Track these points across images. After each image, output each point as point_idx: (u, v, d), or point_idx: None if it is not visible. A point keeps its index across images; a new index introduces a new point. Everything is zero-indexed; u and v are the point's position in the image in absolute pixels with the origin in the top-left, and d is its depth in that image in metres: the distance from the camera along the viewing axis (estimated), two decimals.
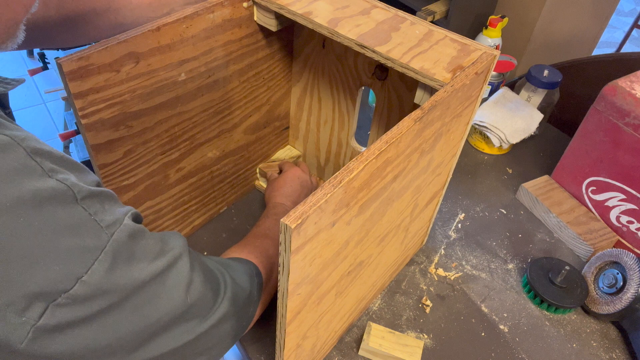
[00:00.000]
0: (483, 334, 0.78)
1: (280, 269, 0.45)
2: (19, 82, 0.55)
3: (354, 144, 0.88)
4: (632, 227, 0.88)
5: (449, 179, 0.77)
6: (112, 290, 0.40)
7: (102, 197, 0.43)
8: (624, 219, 0.88)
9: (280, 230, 0.41)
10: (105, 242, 0.40)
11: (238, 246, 0.68)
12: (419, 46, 0.62)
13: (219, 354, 0.56)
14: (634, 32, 3.29)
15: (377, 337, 0.72)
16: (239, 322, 0.57)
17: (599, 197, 0.92)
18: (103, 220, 0.41)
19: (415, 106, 0.71)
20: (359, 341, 0.75)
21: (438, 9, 1.29)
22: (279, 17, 0.71)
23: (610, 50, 3.13)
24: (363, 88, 0.80)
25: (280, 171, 0.92)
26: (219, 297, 0.53)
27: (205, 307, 0.51)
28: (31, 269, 0.36)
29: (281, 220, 0.40)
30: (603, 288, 0.81)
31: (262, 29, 0.76)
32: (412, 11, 1.33)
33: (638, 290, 0.75)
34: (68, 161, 0.42)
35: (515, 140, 1.05)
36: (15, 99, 2.42)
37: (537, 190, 0.98)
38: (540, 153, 1.12)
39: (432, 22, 1.15)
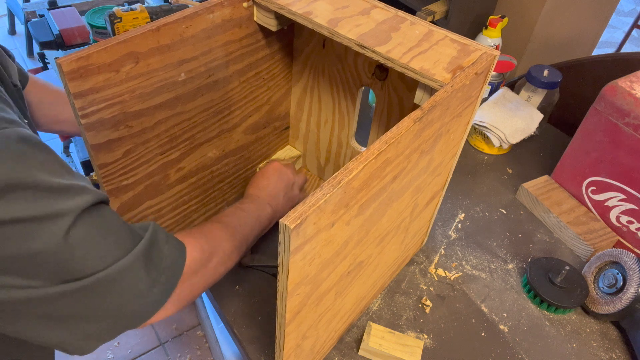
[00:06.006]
0: (483, 334, 0.78)
1: (279, 269, 0.45)
2: None
3: (354, 144, 0.88)
4: (632, 227, 0.88)
5: (449, 179, 0.77)
6: None
7: (4, 103, 0.44)
8: (624, 219, 0.88)
9: (280, 230, 0.41)
10: None
11: (187, 229, 0.65)
12: (418, 46, 0.62)
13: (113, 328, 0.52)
14: (634, 32, 3.29)
15: (377, 337, 0.72)
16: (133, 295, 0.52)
17: (599, 197, 0.92)
18: None
19: (416, 106, 0.71)
20: (359, 341, 0.75)
21: (438, 9, 1.29)
22: (279, 17, 0.71)
23: (610, 50, 3.13)
24: (363, 88, 0.80)
25: None
26: (116, 259, 0.49)
27: (94, 259, 0.47)
28: None
29: (280, 220, 0.40)
30: (603, 288, 0.81)
31: (262, 29, 0.76)
32: (412, 11, 1.33)
33: (638, 290, 0.75)
34: None
35: (515, 140, 1.05)
36: None
37: (537, 190, 0.98)
38: (540, 153, 1.12)
39: (432, 22, 1.15)
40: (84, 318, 0.49)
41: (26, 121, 0.53)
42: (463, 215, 0.96)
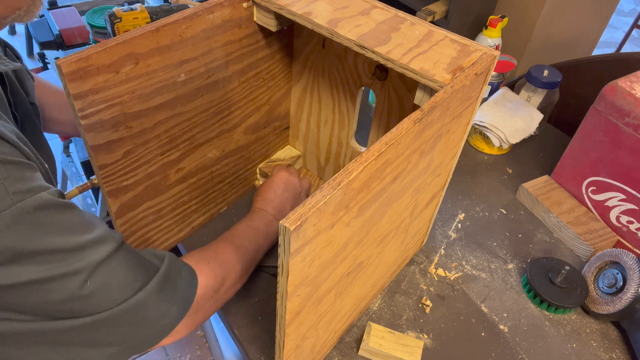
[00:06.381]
0: (483, 334, 0.78)
1: (280, 270, 0.45)
2: (16, 66, 0.57)
3: (354, 144, 0.88)
4: (632, 227, 0.88)
5: (449, 180, 0.77)
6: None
7: (25, 167, 0.45)
8: (624, 219, 0.88)
9: (280, 232, 0.41)
10: (6, 207, 0.42)
11: (200, 250, 0.67)
12: (418, 47, 0.62)
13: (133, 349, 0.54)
14: (634, 32, 3.29)
15: (377, 337, 0.72)
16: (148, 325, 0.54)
17: (599, 197, 0.92)
18: (12, 186, 0.43)
19: (416, 106, 0.71)
20: (359, 341, 0.75)
21: (438, 9, 1.29)
22: (278, 17, 0.71)
23: (610, 50, 3.13)
24: (363, 88, 0.80)
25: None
26: (131, 296, 0.51)
27: (109, 300, 0.50)
28: None
29: (280, 222, 0.40)
30: (603, 288, 0.81)
31: (262, 29, 0.76)
32: (412, 11, 1.33)
33: (638, 290, 0.75)
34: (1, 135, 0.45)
35: (515, 140, 1.05)
36: None
37: (537, 190, 0.98)
38: (540, 153, 1.12)
39: (432, 22, 1.15)
40: (91, 346, 0.50)
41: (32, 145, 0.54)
42: (463, 215, 0.96)
